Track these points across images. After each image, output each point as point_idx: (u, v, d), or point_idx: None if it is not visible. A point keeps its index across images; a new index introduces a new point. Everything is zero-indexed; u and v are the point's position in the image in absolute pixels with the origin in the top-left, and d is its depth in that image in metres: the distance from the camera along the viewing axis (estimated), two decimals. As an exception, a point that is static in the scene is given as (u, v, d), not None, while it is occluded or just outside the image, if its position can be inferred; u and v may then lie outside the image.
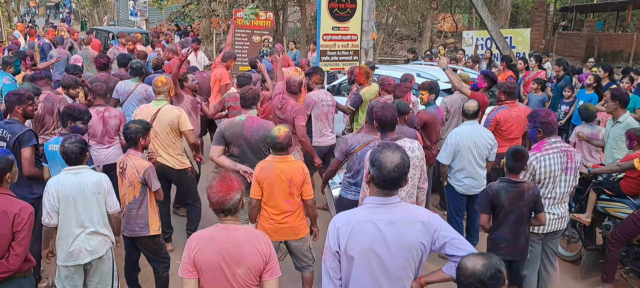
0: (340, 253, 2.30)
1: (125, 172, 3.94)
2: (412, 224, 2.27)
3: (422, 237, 2.27)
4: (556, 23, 21.70)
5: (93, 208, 3.51)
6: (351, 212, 2.41)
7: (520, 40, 13.01)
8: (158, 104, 4.99)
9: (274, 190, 3.76)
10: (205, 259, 2.48)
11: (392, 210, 2.29)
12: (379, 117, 3.81)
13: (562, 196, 4.01)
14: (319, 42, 10.76)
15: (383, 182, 2.25)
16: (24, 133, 4.14)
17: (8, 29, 17.01)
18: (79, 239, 3.49)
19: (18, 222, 2.95)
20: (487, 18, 11.29)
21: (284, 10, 20.96)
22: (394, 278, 2.29)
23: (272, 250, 2.60)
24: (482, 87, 5.97)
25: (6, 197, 3.05)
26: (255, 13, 8.70)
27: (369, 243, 2.25)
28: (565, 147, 3.97)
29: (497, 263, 2.01)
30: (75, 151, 3.45)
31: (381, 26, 21.89)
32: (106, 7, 36.88)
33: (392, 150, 2.28)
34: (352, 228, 2.27)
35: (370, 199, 2.34)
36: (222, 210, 2.53)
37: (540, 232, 4.04)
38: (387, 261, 2.26)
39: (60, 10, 46.13)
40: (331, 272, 2.34)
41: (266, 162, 3.84)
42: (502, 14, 16.69)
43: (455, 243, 2.29)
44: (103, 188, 3.55)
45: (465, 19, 24.95)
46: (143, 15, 20.65)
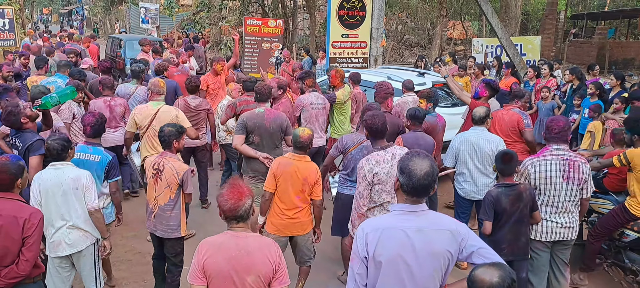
0: (369, 259, 2.30)
1: (162, 173, 4.03)
2: (440, 232, 2.29)
3: (450, 246, 2.28)
4: (567, 30, 21.56)
5: (71, 203, 3.64)
6: (380, 218, 2.43)
7: (531, 48, 12.94)
8: (157, 105, 5.31)
9: (289, 185, 3.95)
10: (214, 266, 2.47)
11: (420, 218, 2.30)
12: (369, 125, 3.88)
13: (566, 205, 3.91)
14: (328, 49, 10.79)
15: (412, 190, 2.27)
16: (33, 142, 4.24)
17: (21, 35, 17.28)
18: (59, 232, 3.65)
19: (28, 227, 2.99)
20: (497, 25, 11.25)
21: (294, 18, 21.07)
22: (421, 286, 2.28)
23: (282, 258, 2.59)
24: (484, 95, 5.93)
25: (17, 203, 3.08)
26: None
27: (397, 250, 2.26)
28: (569, 157, 3.88)
29: (510, 272, 2.03)
30: (57, 148, 3.63)
31: (390, 33, 21.92)
32: (118, 15, 37.31)
33: (421, 158, 2.29)
34: (381, 234, 2.28)
35: (398, 206, 2.36)
36: (234, 217, 2.52)
37: (544, 240, 3.98)
38: (415, 268, 2.26)
39: (73, 18, 46.74)
40: (358, 277, 2.34)
41: (285, 158, 4.01)
42: (512, 22, 16.61)
43: (483, 253, 2.30)
44: (81, 184, 3.65)
45: (475, 26, 24.90)
46: (154, 22, 20.82)
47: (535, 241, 4.00)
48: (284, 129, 4.97)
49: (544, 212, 3.96)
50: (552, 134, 3.91)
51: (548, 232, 3.96)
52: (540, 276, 4.08)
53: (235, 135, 4.94)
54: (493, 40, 13.09)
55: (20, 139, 4.27)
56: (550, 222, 3.95)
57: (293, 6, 21.19)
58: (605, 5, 24.32)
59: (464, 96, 6.03)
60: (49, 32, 21.69)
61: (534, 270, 4.08)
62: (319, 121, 6.04)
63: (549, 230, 3.96)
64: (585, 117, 7.44)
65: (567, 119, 4.16)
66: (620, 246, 4.67)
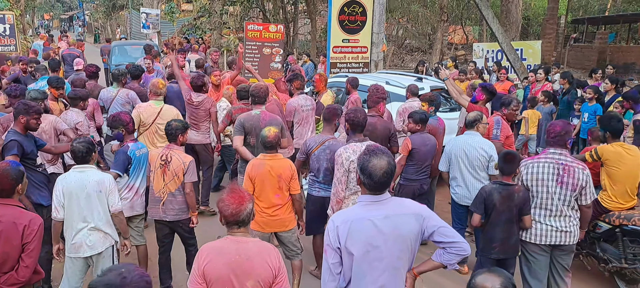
0: (341, 249, 2.51)
1: (170, 163, 4.34)
2: (404, 216, 2.51)
3: (414, 227, 2.51)
4: (567, 35, 21.59)
5: (94, 206, 3.71)
6: (348, 210, 2.64)
7: (531, 53, 12.95)
8: (159, 104, 5.71)
9: (265, 185, 4.11)
10: (214, 271, 2.47)
11: (385, 206, 2.52)
12: (350, 118, 4.12)
13: (561, 209, 3.88)
14: (329, 54, 10.79)
15: (374, 188, 2.50)
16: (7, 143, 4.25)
17: (22, 41, 17.32)
18: (81, 233, 3.72)
19: (28, 233, 2.99)
20: (498, 30, 11.27)
21: (295, 23, 21.11)
22: (391, 268, 2.51)
23: (282, 263, 2.59)
24: (481, 99, 5.92)
25: (16, 209, 3.08)
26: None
27: (366, 238, 2.46)
28: (565, 161, 3.83)
29: (510, 277, 2.04)
30: (82, 150, 3.70)
31: (391, 38, 21.95)
32: (119, 20, 37.42)
33: (378, 158, 2.50)
34: (350, 226, 2.48)
35: (364, 198, 2.56)
36: (235, 222, 2.52)
37: (539, 243, 3.96)
38: (385, 252, 2.48)
39: (74, 23, 46.87)
40: (332, 267, 2.54)
41: (257, 160, 4.18)
42: (513, 26, 16.63)
43: (443, 232, 2.54)
44: (105, 187, 3.74)
45: (476, 31, 24.94)
46: (155, 27, 20.86)
47: (531, 243, 4.00)
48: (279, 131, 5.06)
49: (537, 214, 3.96)
50: (549, 137, 3.93)
51: (542, 235, 3.95)
52: (538, 279, 4.07)
53: (234, 136, 5.08)
54: (494, 45, 13.11)
55: None
56: (545, 224, 3.94)
57: (294, 11, 21.24)
58: (605, 10, 24.35)
59: (462, 100, 6.07)
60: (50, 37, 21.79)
61: (532, 273, 4.07)
62: (309, 122, 6.15)
63: (543, 233, 3.95)
64: (585, 122, 7.44)
65: (567, 123, 4.13)
66: (594, 237, 4.87)
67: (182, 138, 4.47)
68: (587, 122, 7.33)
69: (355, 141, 4.11)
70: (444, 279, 5.00)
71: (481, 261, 4.22)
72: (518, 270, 4.27)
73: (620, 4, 24.30)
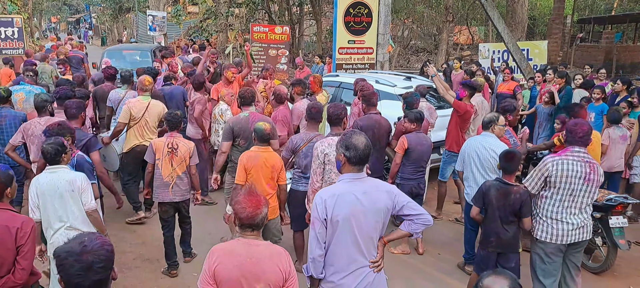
0: (327, 220, 2.80)
1: (178, 149, 4.86)
2: (380, 192, 2.87)
3: (387, 202, 2.87)
4: (574, 35, 21.51)
5: (68, 205, 3.74)
6: (333, 187, 2.94)
7: (538, 53, 12.91)
8: (147, 99, 6.02)
9: (260, 175, 4.39)
10: (225, 273, 2.47)
11: (364, 183, 2.87)
12: (330, 113, 4.50)
13: (585, 207, 3.95)
14: (335, 55, 10.81)
15: (358, 160, 2.82)
16: (90, 138, 4.79)
17: (30, 43, 17.46)
18: (58, 233, 3.74)
19: (21, 236, 2.99)
20: (503, 30, 11.25)
21: (300, 24, 21.16)
22: (366, 236, 2.86)
23: (293, 267, 2.59)
24: (464, 96, 6.21)
25: (8, 212, 3.06)
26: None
27: (350, 209, 2.79)
28: (589, 159, 3.89)
29: (515, 279, 2.06)
30: (51, 152, 3.72)
31: (397, 39, 21.95)
32: (126, 22, 37.63)
33: (358, 135, 2.86)
34: (337, 199, 2.80)
35: (346, 176, 2.89)
36: (250, 225, 2.51)
37: (558, 243, 3.96)
38: (363, 223, 2.82)
39: (81, 25, 47.16)
40: (319, 236, 2.84)
41: (252, 152, 4.44)
42: (518, 26, 16.57)
43: (411, 206, 2.91)
44: (77, 186, 3.76)
45: (482, 32, 24.88)
46: (161, 30, 20.94)
47: (550, 244, 3.97)
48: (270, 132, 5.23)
49: (558, 212, 3.93)
50: (576, 137, 3.90)
51: (563, 235, 3.94)
52: (551, 279, 4.07)
53: (222, 142, 5.27)
54: (500, 45, 13.08)
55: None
56: (565, 223, 3.92)
57: (299, 13, 21.30)
58: (612, 9, 24.24)
59: (448, 96, 6.26)
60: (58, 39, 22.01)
61: (546, 274, 4.06)
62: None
63: (563, 233, 3.93)
64: (592, 122, 7.41)
65: (589, 123, 4.18)
66: None
67: (181, 126, 5.02)
68: (594, 122, 7.30)
69: (332, 135, 4.35)
70: (450, 279, 5.03)
71: (481, 254, 4.29)
72: (523, 270, 4.29)
73: (626, 3, 24.19)
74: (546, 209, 3.98)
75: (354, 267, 2.86)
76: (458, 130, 6.18)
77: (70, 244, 1.95)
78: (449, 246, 5.69)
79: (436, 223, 6.38)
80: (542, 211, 4.00)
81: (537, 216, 4.06)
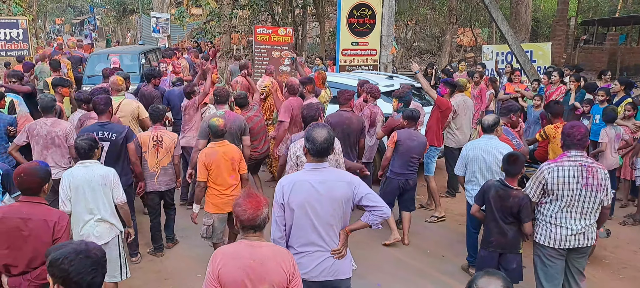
0: (285, 205, 3.01)
1: (162, 142, 5.16)
2: (338, 182, 3.05)
3: (346, 192, 3.04)
4: (577, 37, 21.45)
5: (99, 198, 3.93)
6: (293, 174, 3.17)
7: (541, 55, 12.88)
8: (118, 99, 6.05)
9: (221, 169, 4.62)
10: (229, 275, 2.47)
11: (323, 172, 3.06)
12: (303, 116, 4.71)
13: (587, 212, 3.85)
14: (338, 57, 10.80)
15: (316, 152, 3.03)
16: (128, 129, 5.01)
17: (35, 45, 17.54)
18: (87, 225, 3.92)
19: (58, 229, 3.11)
20: (507, 32, 11.23)
21: (303, 26, 21.18)
22: (325, 223, 3.03)
23: (296, 267, 2.60)
24: (445, 93, 6.61)
25: (44, 207, 3.19)
26: None
27: (305, 196, 2.99)
28: (587, 163, 3.79)
29: (508, 280, 2.09)
30: (85, 147, 3.93)
31: (400, 41, 21.94)
32: (129, 24, 37.72)
33: (320, 128, 3.06)
34: (293, 186, 3.01)
35: (307, 165, 3.11)
36: (252, 227, 2.51)
37: (557, 247, 3.91)
38: (319, 210, 3.00)
39: (85, 27, 47.33)
40: (278, 219, 3.04)
41: (209, 149, 4.66)
42: (522, 28, 16.54)
43: (370, 197, 3.06)
44: (109, 180, 3.98)
45: (485, 33, 24.85)
46: (165, 31, 20.98)
47: (548, 248, 3.94)
48: (242, 129, 5.64)
49: (560, 218, 3.87)
50: (574, 140, 3.81)
51: (562, 240, 3.88)
52: (554, 283, 4.03)
53: (198, 140, 5.46)
54: (503, 47, 13.05)
55: (109, 130, 4.88)
56: (565, 228, 3.87)
57: (302, 15, 21.32)
58: (616, 11, 24.17)
59: (431, 92, 6.47)
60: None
61: (548, 277, 4.02)
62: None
63: (562, 238, 3.88)
64: (595, 124, 7.39)
65: (586, 126, 4.14)
66: None
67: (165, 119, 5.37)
68: (598, 124, 7.28)
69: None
70: (454, 281, 5.01)
71: (482, 254, 4.32)
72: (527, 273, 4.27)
73: (630, 5, 24.12)
74: (547, 213, 3.92)
75: (312, 249, 3.06)
76: (439, 125, 6.45)
77: (70, 247, 1.99)
78: (452, 248, 5.67)
79: (440, 224, 6.37)
80: (543, 215, 3.96)
81: (538, 219, 4.02)
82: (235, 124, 5.60)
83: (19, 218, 3.09)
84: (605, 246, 5.82)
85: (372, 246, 5.64)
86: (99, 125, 4.91)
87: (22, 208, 3.14)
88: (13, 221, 3.08)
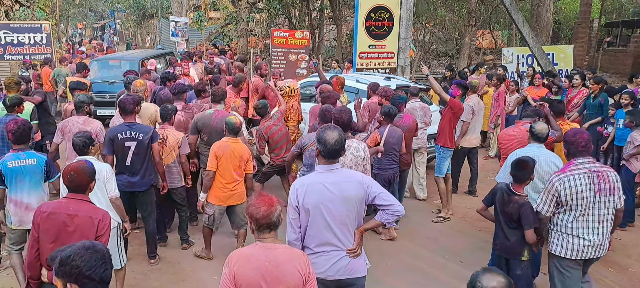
0: (299, 207, 3.05)
1: (167, 140, 5.27)
2: (350, 183, 3.10)
3: (358, 192, 3.09)
4: (601, 39, 21.00)
5: (93, 192, 3.88)
6: (306, 177, 3.22)
7: (563, 57, 12.62)
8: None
9: (228, 163, 4.91)
10: (244, 278, 2.46)
11: (335, 174, 3.11)
12: (335, 118, 4.54)
13: (601, 219, 3.74)
14: (355, 60, 10.74)
15: (327, 153, 3.08)
16: (153, 130, 5.15)
17: (57, 49, 17.85)
18: None
19: (101, 227, 3.20)
20: (528, 34, 11.03)
21: (320, 29, 21.17)
22: (339, 223, 3.08)
23: (311, 269, 2.59)
24: (457, 94, 6.64)
25: (90, 205, 3.31)
26: None
27: (318, 198, 3.04)
28: (596, 168, 3.71)
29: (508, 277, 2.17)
30: (79, 144, 4.11)
31: (418, 43, 21.77)
32: (149, 28, 38.20)
33: (332, 130, 3.11)
34: (307, 188, 3.06)
35: (319, 167, 3.16)
36: (267, 225, 2.51)
37: (575, 258, 3.80)
38: (333, 210, 3.05)
39: (106, 31, 48.06)
40: (293, 222, 3.09)
41: (223, 142, 4.96)
42: (543, 30, 16.23)
43: (383, 196, 3.12)
44: (103, 175, 4.12)
45: (505, 36, 24.51)
46: (184, 35, 21.18)
47: (566, 259, 3.82)
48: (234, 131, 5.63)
49: (574, 227, 3.76)
50: (578, 147, 3.73)
51: (579, 251, 3.77)
52: None
53: (190, 135, 5.76)
54: (524, 50, 12.83)
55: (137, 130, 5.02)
56: (582, 239, 3.75)
57: (319, 18, 21.32)
58: (640, 12, 23.61)
59: (443, 94, 6.47)
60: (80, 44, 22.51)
61: (564, 287, 3.92)
62: None
63: (580, 249, 3.77)
64: (620, 128, 7.19)
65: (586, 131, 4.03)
66: None
67: (174, 119, 5.45)
68: (622, 129, 7.09)
69: None
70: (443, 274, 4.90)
71: (493, 255, 4.36)
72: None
73: (656, 6, 23.53)
74: (561, 224, 3.81)
75: (328, 249, 3.10)
76: (451, 126, 6.41)
77: (77, 245, 2.04)
78: (471, 254, 5.54)
79: (458, 230, 6.27)
80: (559, 226, 3.84)
81: (553, 230, 3.90)
82: (223, 122, 5.45)
83: (66, 214, 3.19)
84: (630, 254, 5.66)
85: (386, 251, 5.57)
86: (126, 125, 5.05)
87: (69, 204, 3.24)
88: (61, 216, 3.18)
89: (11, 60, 13.17)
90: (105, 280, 2.02)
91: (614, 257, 5.57)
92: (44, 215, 3.20)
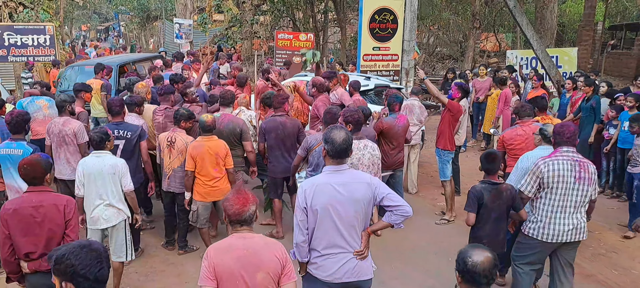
0: (307, 208, 3.04)
1: (175, 144, 5.22)
2: (359, 184, 3.07)
3: (366, 193, 3.07)
4: (605, 42, 20.93)
5: (108, 185, 4.35)
6: (314, 177, 3.17)
7: (567, 60, 12.62)
8: None
9: (205, 162, 4.95)
10: (224, 268, 2.53)
11: (343, 174, 3.08)
12: (347, 118, 4.66)
13: (578, 206, 3.98)
14: (359, 62, 10.76)
15: (335, 153, 3.05)
16: (141, 128, 5.32)
17: (61, 51, 17.92)
18: (97, 208, 4.38)
19: (68, 211, 3.37)
20: (532, 37, 11.01)
21: (324, 31, 21.17)
22: (347, 224, 3.06)
23: (287, 255, 2.69)
24: (457, 97, 6.61)
25: (52, 193, 3.45)
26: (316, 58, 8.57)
27: (327, 199, 3.01)
28: (579, 158, 3.97)
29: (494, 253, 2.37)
30: (96, 139, 4.35)
31: (422, 46, 21.76)
32: (153, 30, 38.31)
33: (339, 130, 3.09)
34: (315, 188, 3.03)
35: (327, 168, 3.12)
36: (238, 221, 2.59)
37: (547, 241, 4.01)
38: (342, 211, 3.03)
39: (110, 33, 48.23)
40: (301, 223, 3.08)
41: (197, 142, 5.00)
42: (547, 33, 16.21)
43: (391, 197, 3.10)
44: (118, 170, 4.37)
45: (509, 38, 24.47)
46: (188, 37, 21.26)
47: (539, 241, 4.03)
48: (238, 133, 5.66)
49: (553, 212, 3.98)
50: (564, 138, 4.00)
51: (555, 235, 4.00)
52: (530, 267, 4.23)
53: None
54: (528, 52, 12.84)
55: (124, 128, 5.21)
56: (559, 224, 3.98)
57: (324, 20, 21.32)
58: (645, 15, 23.54)
59: (441, 97, 6.48)
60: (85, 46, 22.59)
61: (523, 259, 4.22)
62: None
63: (556, 233, 3.99)
64: (624, 130, 7.17)
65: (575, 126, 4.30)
66: None
67: (184, 124, 5.28)
68: (626, 131, 7.07)
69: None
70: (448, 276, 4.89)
71: None
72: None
73: (660, 9, 23.47)
74: (542, 213, 4.03)
75: (335, 251, 3.08)
76: (451, 129, 6.40)
77: (73, 243, 2.06)
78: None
79: (462, 232, 6.25)
80: (538, 211, 4.05)
81: (532, 215, 4.11)
82: (228, 127, 5.64)
83: (30, 207, 3.30)
84: (634, 256, 5.65)
85: (391, 254, 5.57)
86: (114, 124, 5.23)
87: (31, 197, 3.35)
88: (27, 210, 3.30)
89: (15, 61, 13.21)
90: (100, 280, 1.99)
91: (619, 259, 5.58)
92: (10, 212, 3.30)
